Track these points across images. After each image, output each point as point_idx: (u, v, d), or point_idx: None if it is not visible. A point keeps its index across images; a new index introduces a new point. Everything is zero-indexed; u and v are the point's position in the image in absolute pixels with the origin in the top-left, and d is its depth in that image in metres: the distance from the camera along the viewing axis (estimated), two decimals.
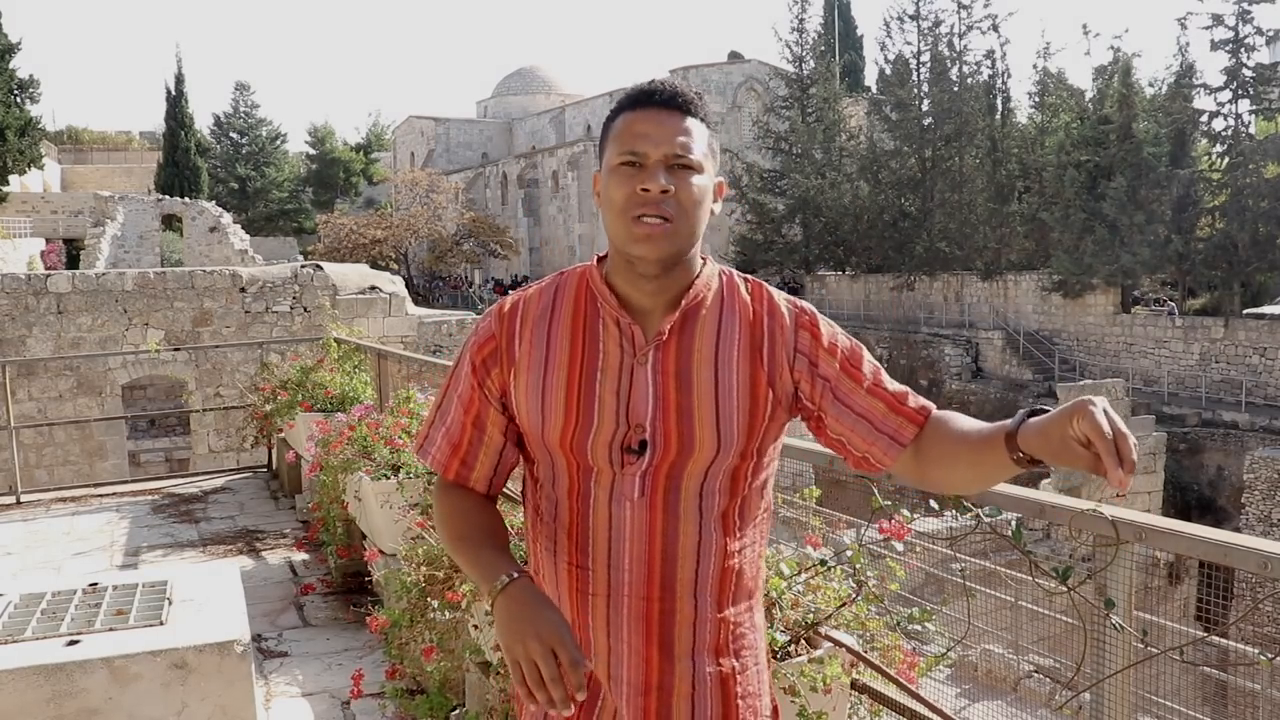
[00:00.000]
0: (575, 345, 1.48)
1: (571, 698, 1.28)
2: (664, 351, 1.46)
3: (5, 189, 32.75)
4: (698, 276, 1.50)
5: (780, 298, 1.53)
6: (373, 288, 15.56)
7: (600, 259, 1.54)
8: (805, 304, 1.55)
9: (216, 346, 13.76)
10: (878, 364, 1.55)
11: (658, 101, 1.45)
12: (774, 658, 2.17)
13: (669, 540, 1.45)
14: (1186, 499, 21.33)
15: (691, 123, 1.45)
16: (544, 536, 1.51)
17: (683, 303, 1.47)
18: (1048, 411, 1.31)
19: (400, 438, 4.56)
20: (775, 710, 1.62)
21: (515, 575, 1.39)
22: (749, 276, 1.56)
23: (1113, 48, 28.55)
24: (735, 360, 1.47)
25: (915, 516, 2.24)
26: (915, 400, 1.52)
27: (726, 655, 1.49)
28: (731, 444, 1.45)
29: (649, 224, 1.40)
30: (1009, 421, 1.36)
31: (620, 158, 1.43)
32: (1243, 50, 25.54)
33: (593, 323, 1.48)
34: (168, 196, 35.50)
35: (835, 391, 1.50)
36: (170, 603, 3.04)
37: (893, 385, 1.53)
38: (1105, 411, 1.20)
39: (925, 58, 34.11)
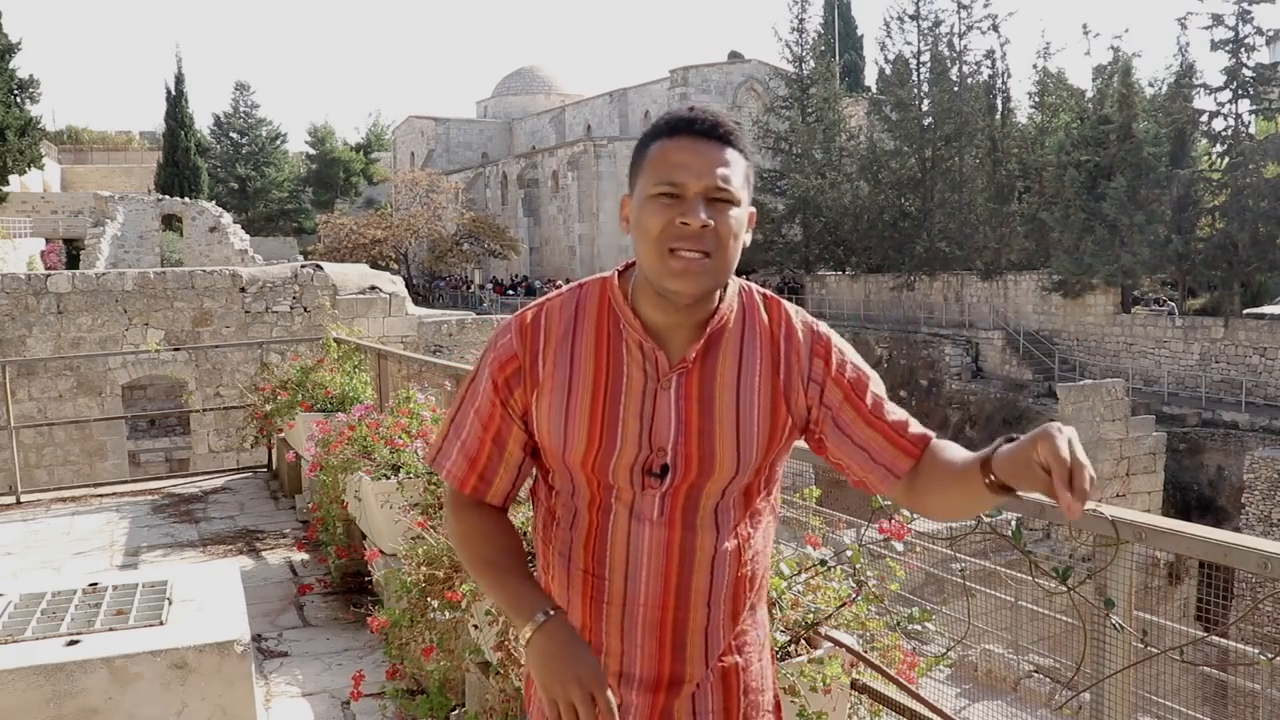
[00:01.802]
0: (599, 368, 1.47)
1: None
2: (688, 377, 1.46)
3: (5, 189, 32.75)
4: (721, 300, 1.49)
5: (797, 319, 1.53)
6: (373, 288, 15.56)
7: (622, 272, 1.52)
8: (820, 327, 1.55)
9: (216, 346, 13.77)
10: (881, 393, 1.55)
11: (698, 130, 1.41)
12: (774, 658, 2.17)
13: (686, 556, 1.47)
14: (1186, 499, 21.33)
15: (731, 154, 1.41)
16: (558, 540, 1.52)
17: (708, 329, 1.47)
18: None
19: (400, 438, 4.56)
20: (778, 705, 1.64)
21: (551, 612, 1.43)
22: (768, 293, 1.56)
23: (1113, 48, 28.56)
24: (757, 384, 1.48)
25: (915, 516, 2.24)
26: (914, 430, 1.54)
27: (730, 652, 1.52)
28: (750, 464, 1.47)
29: (686, 258, 1.37)
30: (986, 449, 1.38)
31: (658, 187, 1.39)
32: (1243, 50, 25.53)
33: (615, 344, 1.48)
34: (168, 196, 35.52)
35: (836, 420, 1.51)
36: (170, 603, 3.04)
37: (893, 415, 1.53)
38: (1069, 441, 1.23)
39: (925, 58, 34.10)
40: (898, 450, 1.52)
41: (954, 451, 1.50)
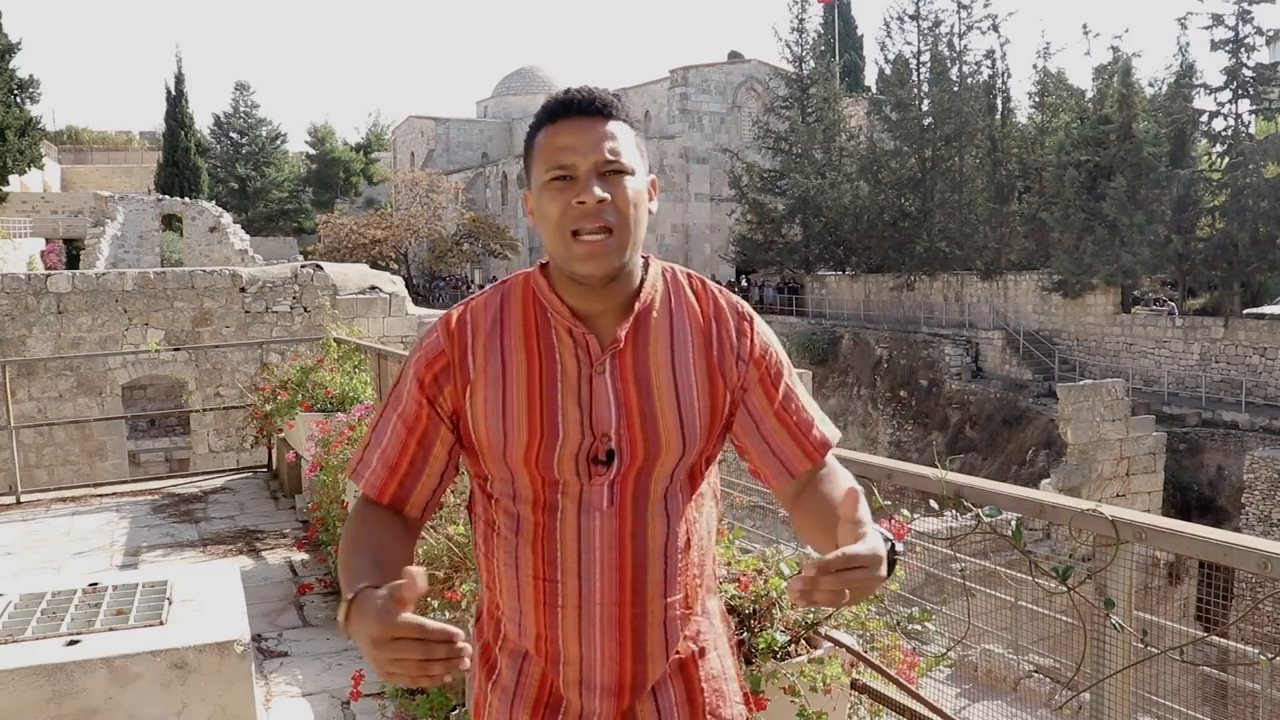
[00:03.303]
0: (531, 359, 1.44)
1: (452, 655, 1.15)
2: (621, 359, 1.44)
3: (5, 189, 32.75)
4: (644, 281, 1.48)
5: (724, 298, 1.52)
6: (373, 288, 15.55)
7: (544, 265, 1.50)
8: (744, 306, 1.54)
9: (216, 346, 13.76)
10: (793, 384, 1.53)
11: (577, 110, 1.42)
12: (774, 657, 2.17)
13: (638, 545, 1.43)
14: (1186, 499, 21.33)
15: (615, 126, 1.42)
16: (502, 551, 1.47)
17: (635, 308, 1.45)
18: (890, 544, 1.33)
19: None
20: (747, 698, 1.62)
21: (362, 587, 1.25)
22: (692, 273, 1.55)
23: (1113, 48, 28.54)
24: (691, 361, 1.46)
25: (915, 516, 2.24)
26: (817, 433, 1.53)
27: (684, 641, 1.49)
28: (695, 443, 1.45)
29: (589, 241, 1.37)
30: (844, 529, 1.31)
31: (549, 173, 1.40)
32: (1243, 50, 25.52)
33: (545, 333, 1.45)
34: (168, 196, 35.53)
35: (746, 403, 1.50)
36: (170, 603, 3.04)
37: (803, 410, 1.52)
38: (857, 554, 1.21)
39: (925, 58, 34.09)
40: (799, 449, 1.51)
41: (836, 489, 1.46)
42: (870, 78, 50.02)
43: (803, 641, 2.25)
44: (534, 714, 1.48)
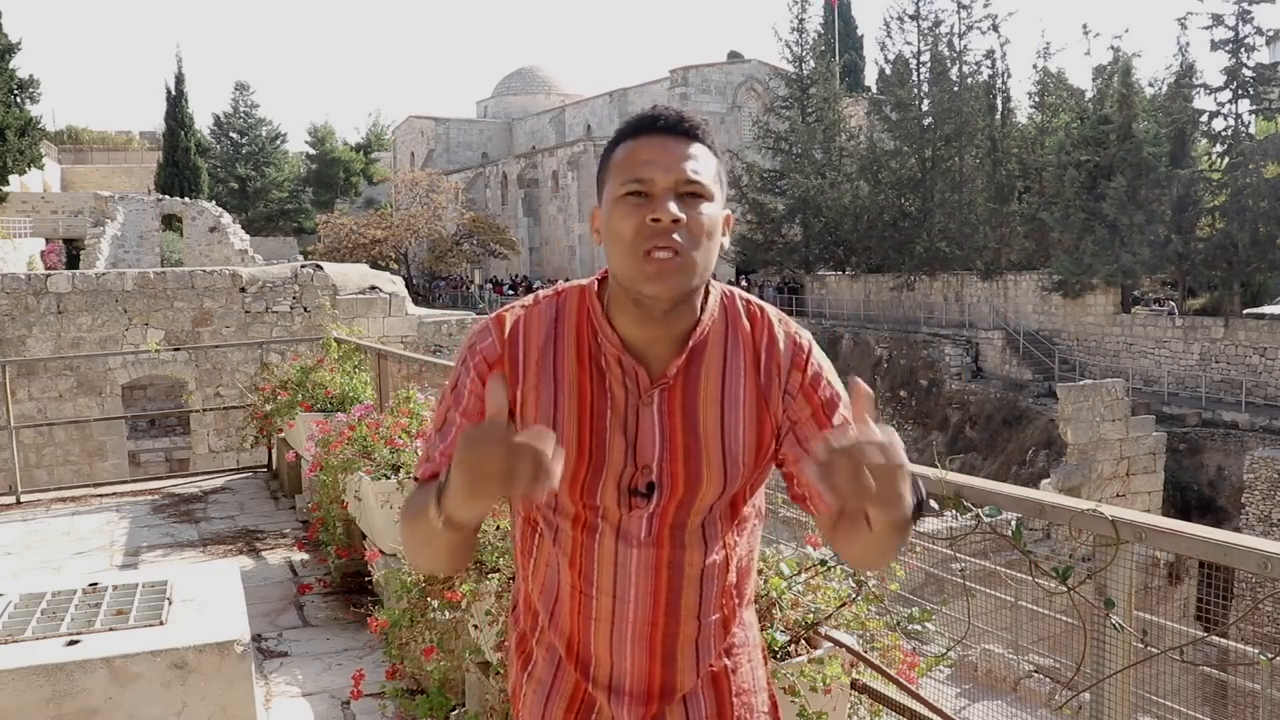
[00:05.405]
0: (584, 385, 1.41)
1: (539, 460, 1.15)
2: (670, 393, 1.41)
3: (5, 189, 32.76)
4: (702, 311, 1.44)
5: (780, 328, 1.47)
6: (373, 288, 15.55)
7: (600, 281, 1.47)
8: (802, 338, 1.48)
9: (216, 346, 13.76)
10: (849, 415, 1.46)
11: (662, 127, 1.37)
12: (774, 658, 2.17)
13: (674, 573, 1.43)
14: (1186, 499, 21.33)
15: (698, 148, 1.38)
16: (541, 551, 1.49)
17: (690, 343, 1.42)
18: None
19: (400, 438, 4.56)
20: (774, 705, 1.62)
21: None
22: (750, 299, 1.50)
23: (1113, 48, 28.54)
24: (741, 396, 1.43)
25: None
26: None
27: (718, 656, 1.50)
28: (737, 480, 1.43)
29: (659, 259, 1.32)
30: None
31: (625, 187, 1.35)
32: (1243, 50, 25.53)
33: (598, 358, 1.42)
34: (168, 196, 35.52)
35: (796, 433, 1.45)
36: (170, 603, 3.04)
37: None
38: (873, 432, 1.14)
39: (925, 58, 34.10)
40: None
41: None
42: (870, 78, 50.04)
43: (803, 641, 2.25)
44: (569, 710, 1.49)
